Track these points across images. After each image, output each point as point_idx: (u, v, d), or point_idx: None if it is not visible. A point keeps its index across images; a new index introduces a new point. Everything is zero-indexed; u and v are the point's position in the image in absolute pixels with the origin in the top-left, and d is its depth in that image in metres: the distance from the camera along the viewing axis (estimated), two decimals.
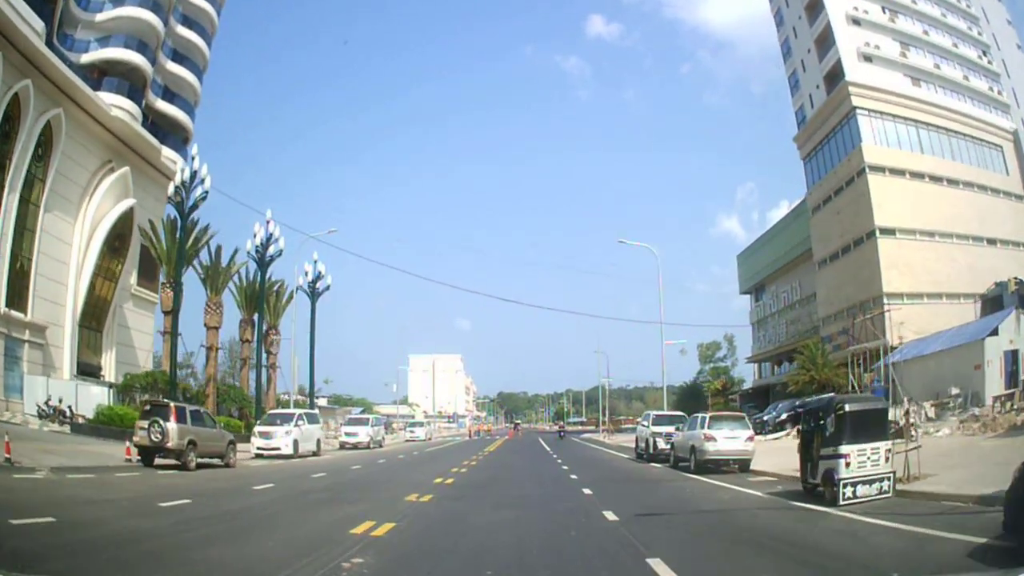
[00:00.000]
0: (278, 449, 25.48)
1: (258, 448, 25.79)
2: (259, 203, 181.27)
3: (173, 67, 45.80)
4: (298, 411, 29.24)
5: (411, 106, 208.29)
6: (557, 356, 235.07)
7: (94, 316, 38.03)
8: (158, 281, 42.42)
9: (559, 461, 26.25)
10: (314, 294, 44.37)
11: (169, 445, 18.01)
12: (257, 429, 26.69)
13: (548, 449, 36.56)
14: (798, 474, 13.44)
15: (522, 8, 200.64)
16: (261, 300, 37.61)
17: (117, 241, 38.42)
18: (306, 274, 44.21)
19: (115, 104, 38.66)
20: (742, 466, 19.10)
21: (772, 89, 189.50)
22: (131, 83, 40.91)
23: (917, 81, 54.47)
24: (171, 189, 30.38)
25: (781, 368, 62.60)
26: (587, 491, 14.93)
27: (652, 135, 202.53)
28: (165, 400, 20.53)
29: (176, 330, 31.93)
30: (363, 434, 35.63)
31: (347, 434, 35.95)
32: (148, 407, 18.95)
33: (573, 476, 19.46)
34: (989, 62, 56.89)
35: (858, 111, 52.49)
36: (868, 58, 52.99)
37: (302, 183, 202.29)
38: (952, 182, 51.02)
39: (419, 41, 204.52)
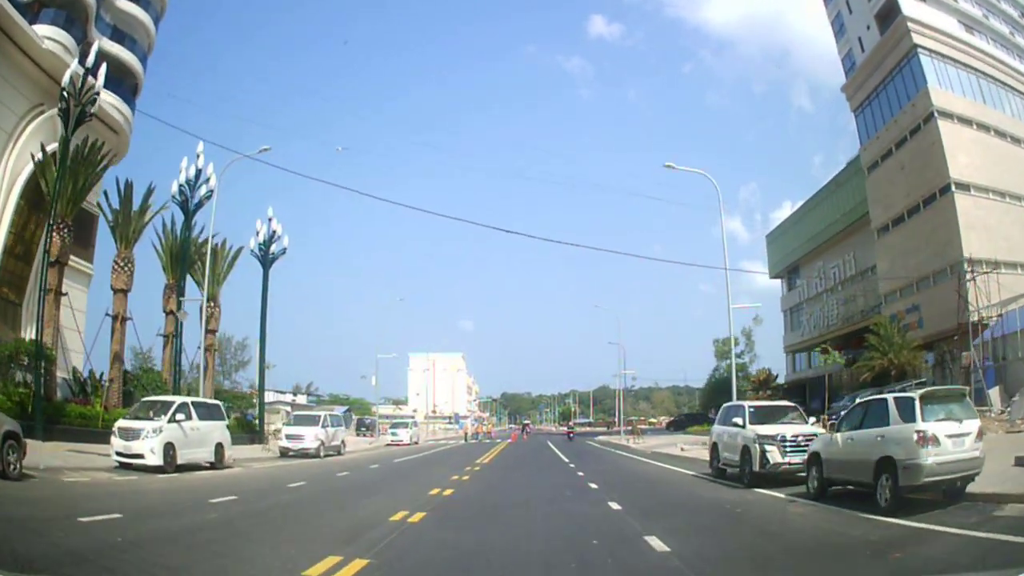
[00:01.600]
0: (141, 457, 15.75)
1: (117, 454, 16.16)
2: (259, 201, 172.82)
3: (124, 3, 36.42)
4: (182, 399, 19.31)
5: (411, 107, 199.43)
6: (561, 357, 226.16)
7: (11, 285, 29.85)
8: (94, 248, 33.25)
9: (593, 486, 14.91)
10: (267, 259, 34.73)
11: None
12: (117, 425, 16.84)
13: (564, 459, 26.19)
14: None
15: (522, 8, 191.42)
16: (184, 257, 27.98)
17: (38, 196, 29.30)
18: (257, 234, 34.65)
19: (48, 36, 29.66)
20: (959, 487, 9.47)
21: (773, 88, 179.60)
22: (70, 14, 31.84)
23: (970, 29, 46.39)
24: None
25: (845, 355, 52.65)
26: None
27: (653, 135, 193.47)
28: None
29: (60, 290, 23.29)
30: (311, 437, 25.85)
31: (289, 437, 26.11)
32: None
33: (662, 545, 7.41)
34: None
35: (919, 50, 43.91)
36: None
37: (302, 183, 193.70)
38: (1016, 140, 43.33)
39: (419, 41, 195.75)
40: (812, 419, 16.42)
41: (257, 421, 35.02)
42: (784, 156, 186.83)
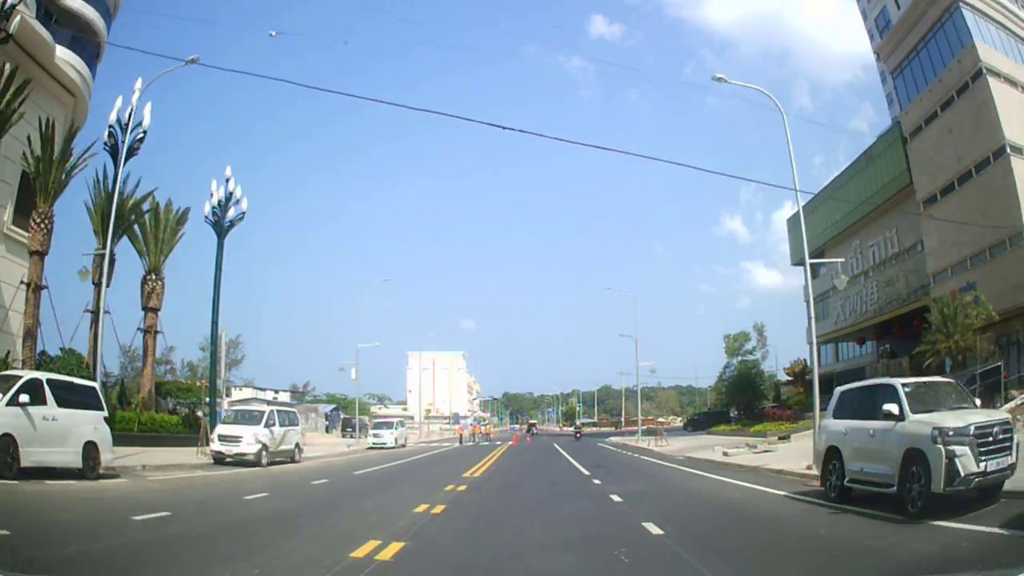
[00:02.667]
0: None
1: None
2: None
3: None
4: (35, 375, 13.38)
5: (403, 111, 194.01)
6: (563, 357, 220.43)
7: None
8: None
9: (654, 531, 8.10)
10: (221, 226, 28.95)
11: None
12: None
13: (583, 470, 19.79)
14: None
15: (524, 9, 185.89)
16: (114, 215, 22.22)
17: None
18: (211, 196, 28.92)
19: None
20: None
21: (776, 90, 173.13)
22: None
23: None
24: None
25: (864, 347, 46.78)
26: None
27: (655, 134, 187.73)
28: None
29: None
30: (249, 440, 19.89)
31: (222, 439, 20.12)
32: None
33: None
34: None
35: (962, 4, 38.40)
36: None
37: (302, 183, 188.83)
38: None
39: (418, 42, 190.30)
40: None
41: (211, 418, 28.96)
42: (786, 156, 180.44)
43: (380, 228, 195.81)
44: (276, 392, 65.82)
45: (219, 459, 19.97)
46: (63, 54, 28.67)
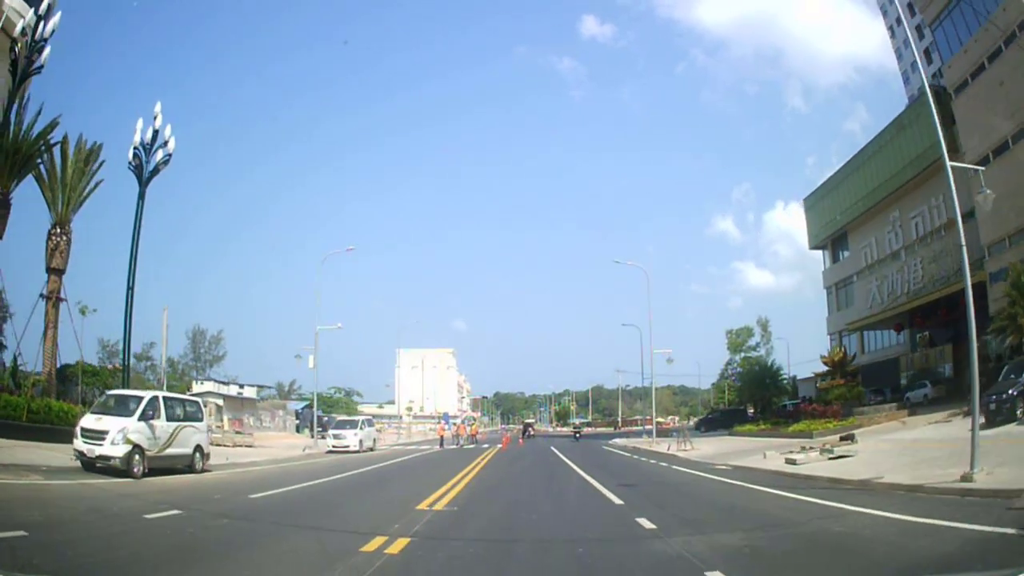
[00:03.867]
0: None
1: None
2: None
3: None
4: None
5: (398, 111, 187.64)
6: (555, 357, 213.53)
7: None
8: None
9: None
10: (143, 172, 22.47)
11: None
12: None
13: (614, 497, 11.80)
14: None
15: (515, 9, 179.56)
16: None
17: None
18: (135, 134, 22.45)
19: None
20: None
21: (766, 90, 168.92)
22: None
23: None
24: None
25: (896, 336, 40.83)
26: None
27: (647, 134, 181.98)
28: None
29: None
30: (116, 437, 13.37)
31: (85, 434, 13.61)
32: None
33: None
34: None
35: None
36: None
37: (301, 182, 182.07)
38: None
39: (410, 44, 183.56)
40: None
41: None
42: (780, 156, 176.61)
43: (378, 229, 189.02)
44: (241, 387, 59.34)
45: (86, 463, 13.60)
46: None
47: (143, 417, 14.17)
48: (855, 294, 46.18)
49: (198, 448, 16.32)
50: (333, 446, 30.68)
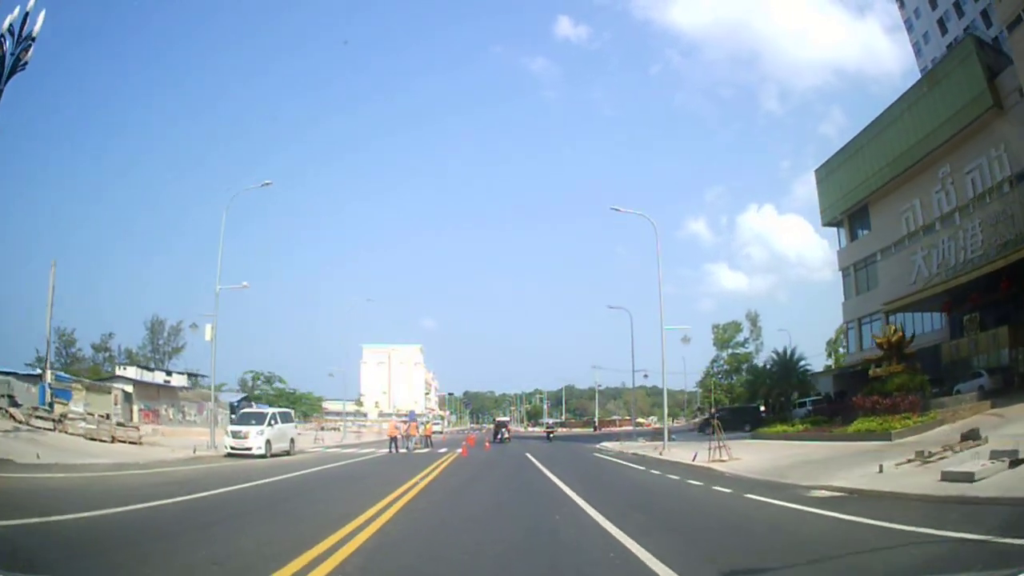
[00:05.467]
0: None
1: None
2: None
3: None
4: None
5: (383, 116, 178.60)
6: (526, 357, 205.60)
7: None
8: None
9: None
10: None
11: None
12: None
13: None
14: None
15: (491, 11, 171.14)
16: None
17: None
18: None
19: None
20: None
21: (740, 92, 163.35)
22: None
23: None
24: None
25: (940, 318, 33.60)
26: None
27: (622, 135, 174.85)
28: None
29: None
30: None
31: None
32: None
33: None
34: None
35: None
36: None
37: (301, 182, 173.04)
38: None
39: (388, 49, 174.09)
40: None
41: None
42: (754, 159, 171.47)
43: (351, 229, 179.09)
44: (169, 374, 50.19)
45: None
46: None
47: None
48: (879, 274, 38.97)
49: None
50: (231, 447, 22.07)
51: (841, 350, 66.18)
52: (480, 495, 12.59)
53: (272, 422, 23.18)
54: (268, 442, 22.22)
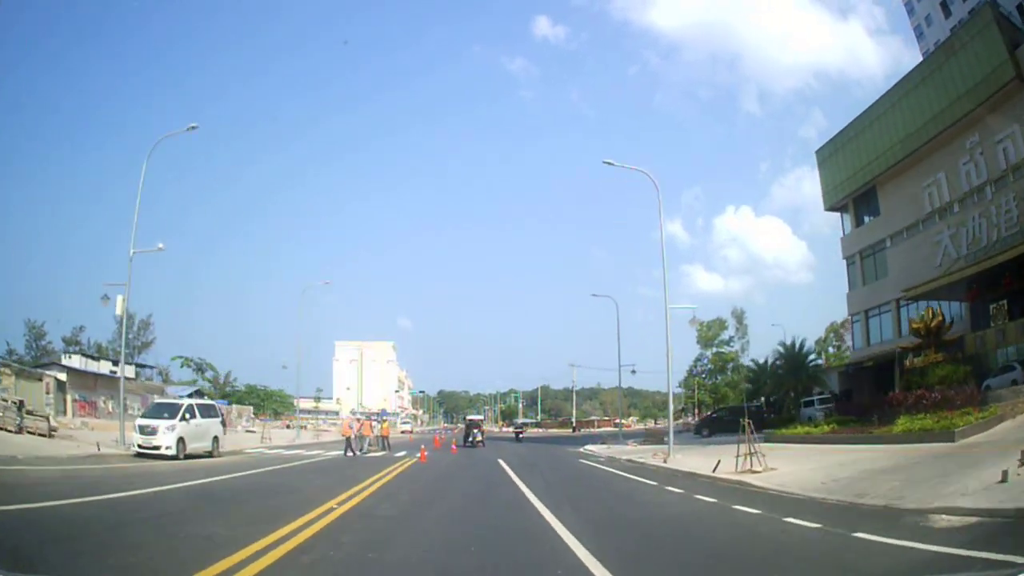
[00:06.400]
0: None
1: None
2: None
3: None
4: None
5: (368, 118, 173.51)
6: (501, 358, 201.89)
7: None
8: None
9: None
10: None
11: None
12: None
13: None
14: None
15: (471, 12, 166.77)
16: None
17: None
18: None
19: None
20: None
21: (719, 94, 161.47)
22: None
23: None
24: None
25: (959, 307, 30.22)
26: None
27: (598, 136, 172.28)
28: None
29: None
30: None
31: None
32: None
33: None
34: None
35: None
36: None
37: (302, 181, 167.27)
38: None
39: (377, 52, 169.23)
40: None
41: None
42: (732, 160, 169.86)
43: (325, 226, 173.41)
44: (115, 364, 44.86)
45: None
46: None
47: None
48: (888, 261, 35.53)
49: None
50: (141, 446, 17.52)
51: (836, 348, 62.83)
52: (414, 549, 6.77)
53: (187, 416, 18.50)
54: (181, 440, 17.67)
